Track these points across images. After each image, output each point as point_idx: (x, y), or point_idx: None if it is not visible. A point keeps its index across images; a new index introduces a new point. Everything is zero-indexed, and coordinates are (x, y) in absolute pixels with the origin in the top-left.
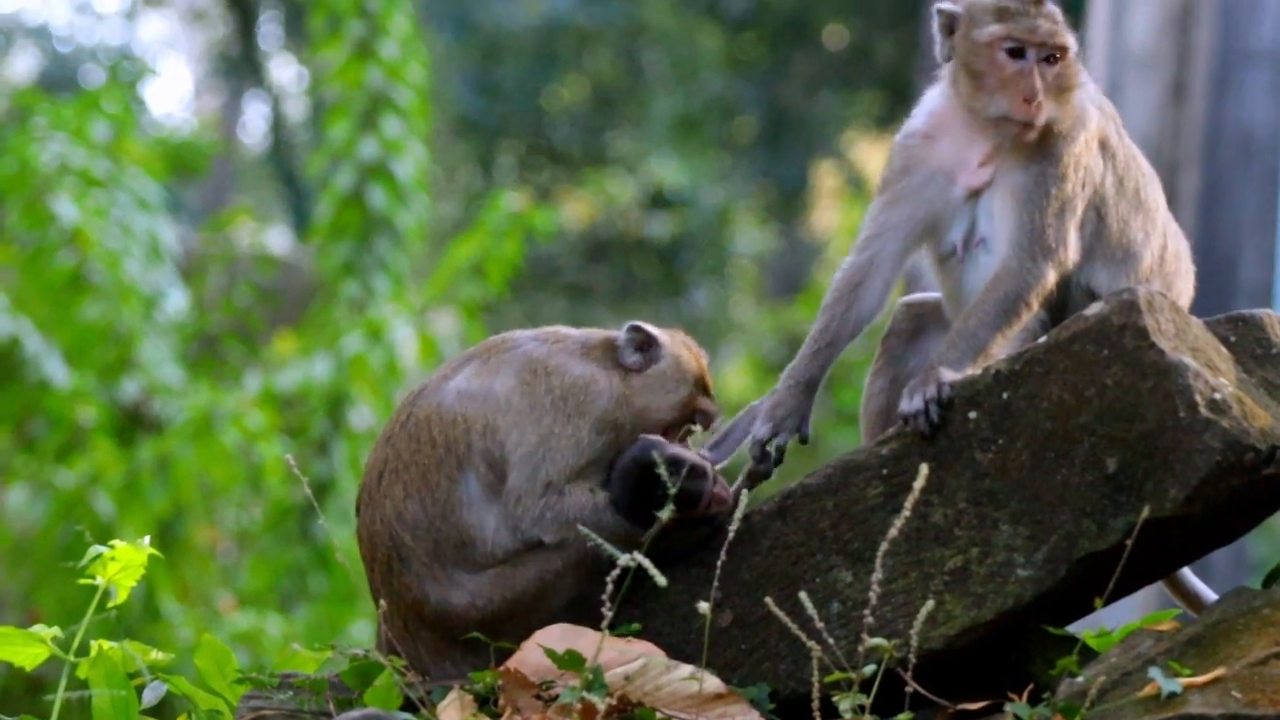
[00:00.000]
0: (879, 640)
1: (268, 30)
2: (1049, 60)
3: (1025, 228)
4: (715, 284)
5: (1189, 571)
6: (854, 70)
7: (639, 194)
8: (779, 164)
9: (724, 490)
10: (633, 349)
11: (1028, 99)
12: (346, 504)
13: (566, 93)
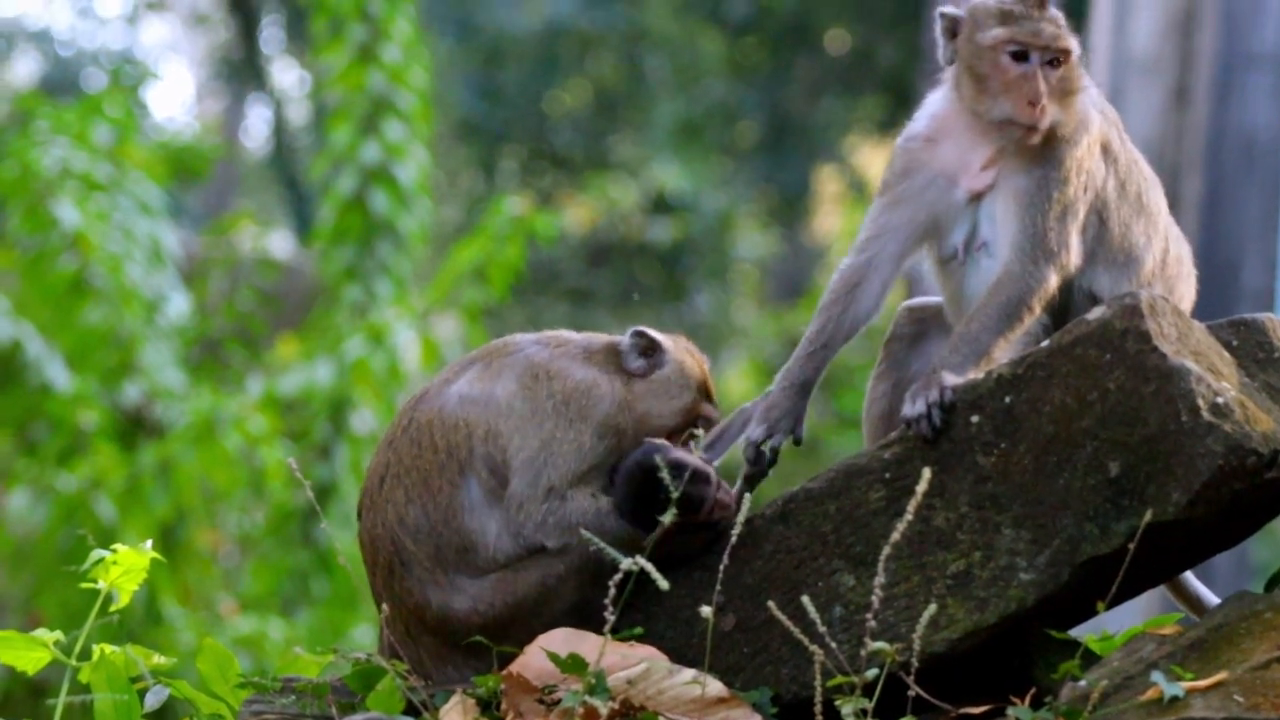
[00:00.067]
0: (881, 644)
1: (270, 34)
2: (1052, 64)
3: (1027, 231)
4: (717, 288)
5: (1191, 575)
6: (856, 75)
7: (641, 199)
8: (781, 169)
9: (727, 496)
10: (636, 354)
11: (1032, 102)
12: (348, 508)
13: (568, 97)
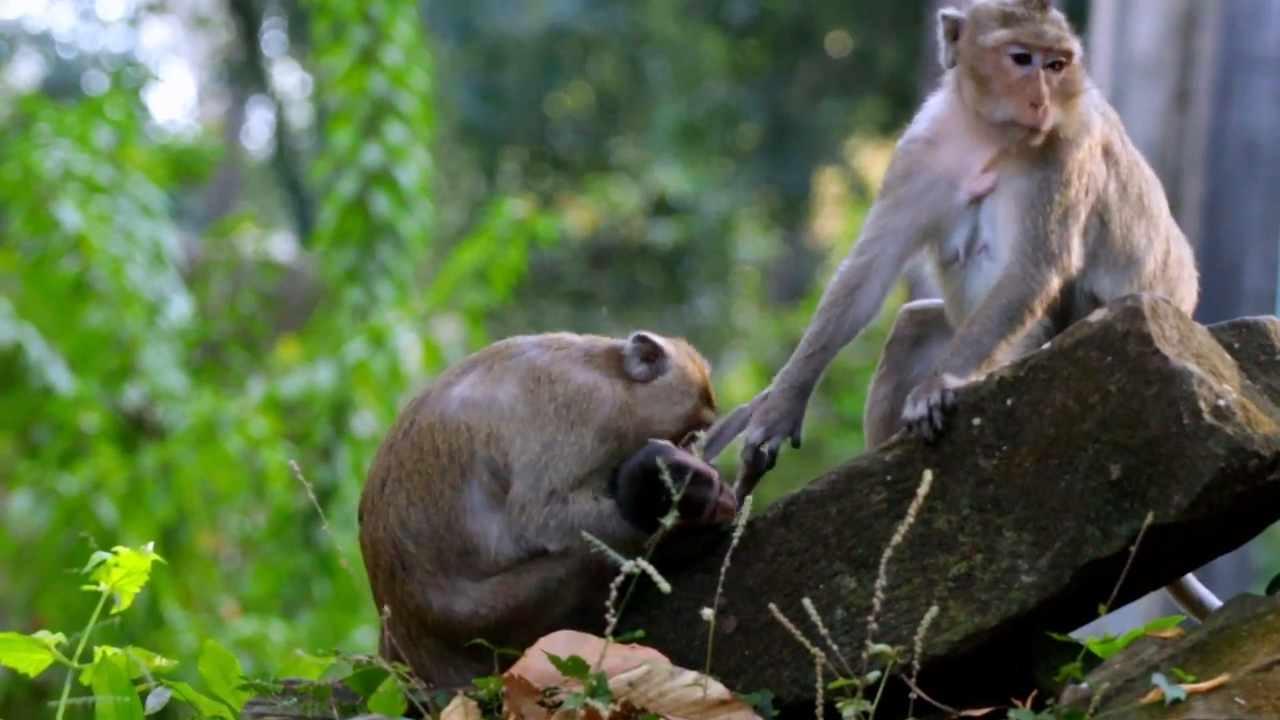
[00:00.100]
0: (883, 646)
1: (271, 36)
2: (1054, 66)
3: (1028, 234)
4: (718, 291)
5: (1193, 578)
6: (857, 77)
7: (642, 201)
8: (782, 171)
9: (729, 499)
10: (638, 359)
11: (1034, 104)
12: (350, 510)
13: (570, 99)
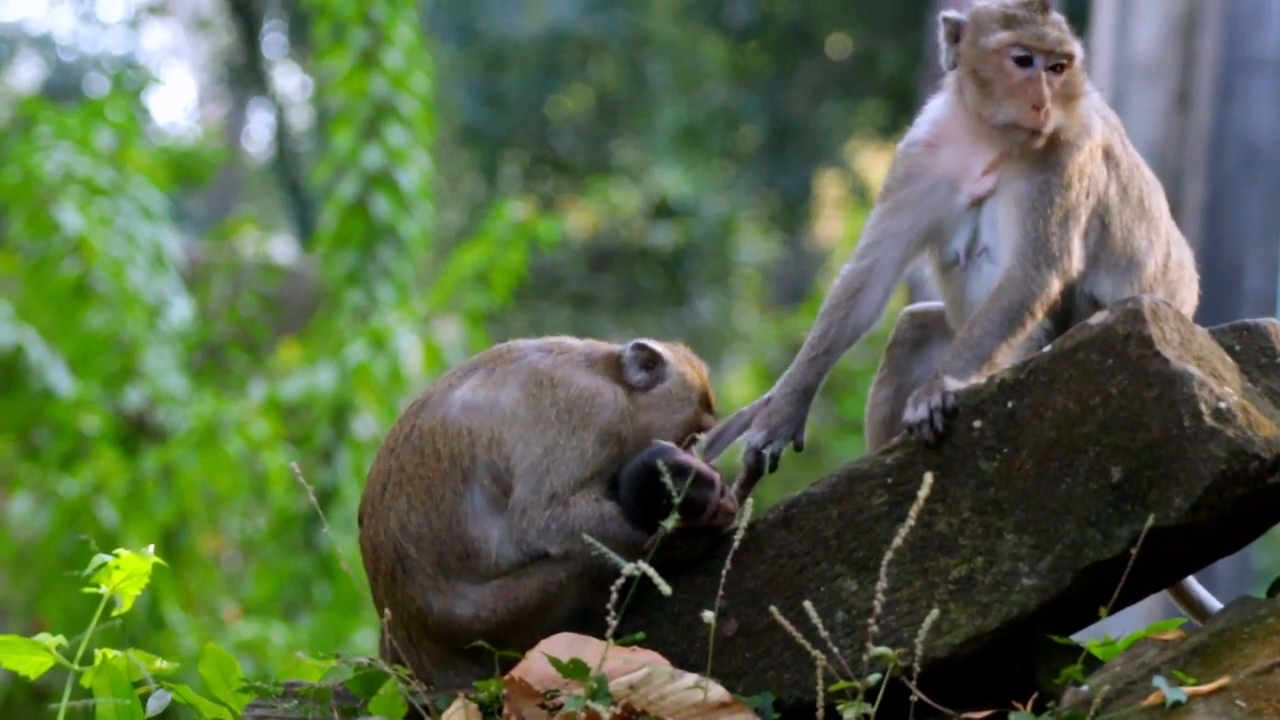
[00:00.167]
0: (884, 649)
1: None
2: (1056, 68)
3: (1029, 236)
4: (719, 293)
5: (1194, 580)
6: (857, 79)
7: (643, 203)
8: (783, 173)
9: (730, 502)
10: (638, 367)
11: (1036, 106)
12: (351, 513)
13: (570, 102)
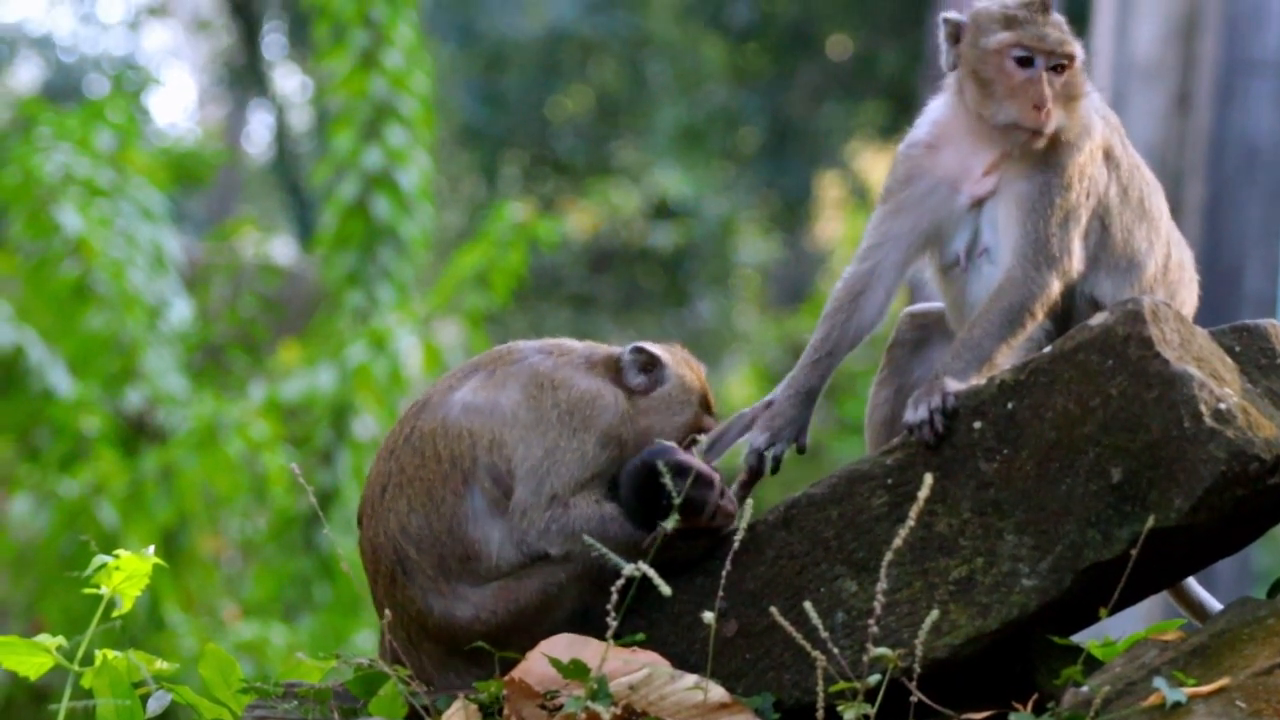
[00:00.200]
0: (884, 650)
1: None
2: (1056, 69)
3: (1029, 237)
4: (719, 294)
5: (1194, 581)
6: (858, 80)
7: (643, 204)
8: (783, 174)
9: (730, 504)
10: (636, 370)
11: (1037, 106)
12: (351, 513)
13: (571, 103)
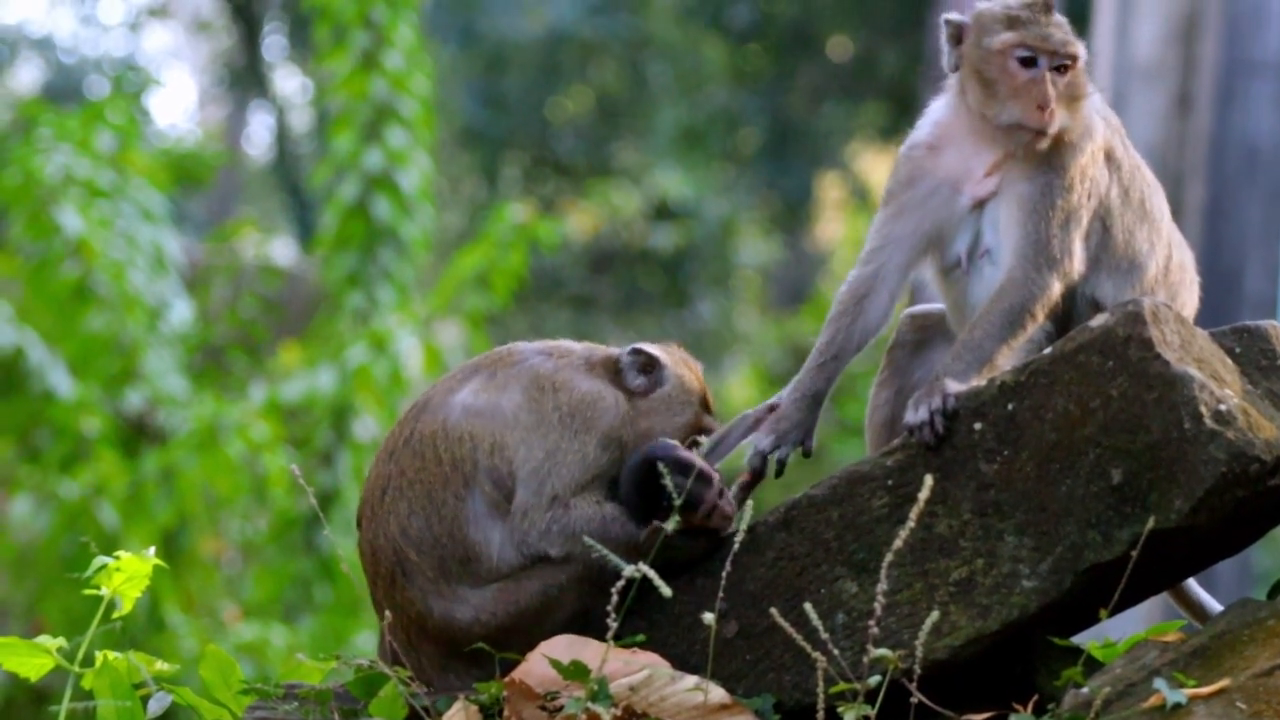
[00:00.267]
0: (884, 651)
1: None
2: (1060, 69)
3: (1030, 239)
4: (720, 295)
5: (1194, 582)
6: (858, 82)
7: (643, 205)
8: (783, 175)
9: (729, 506)
10: (636, 372)
11: (1040, 106)
12: (351, 514)
13: (571, 104)
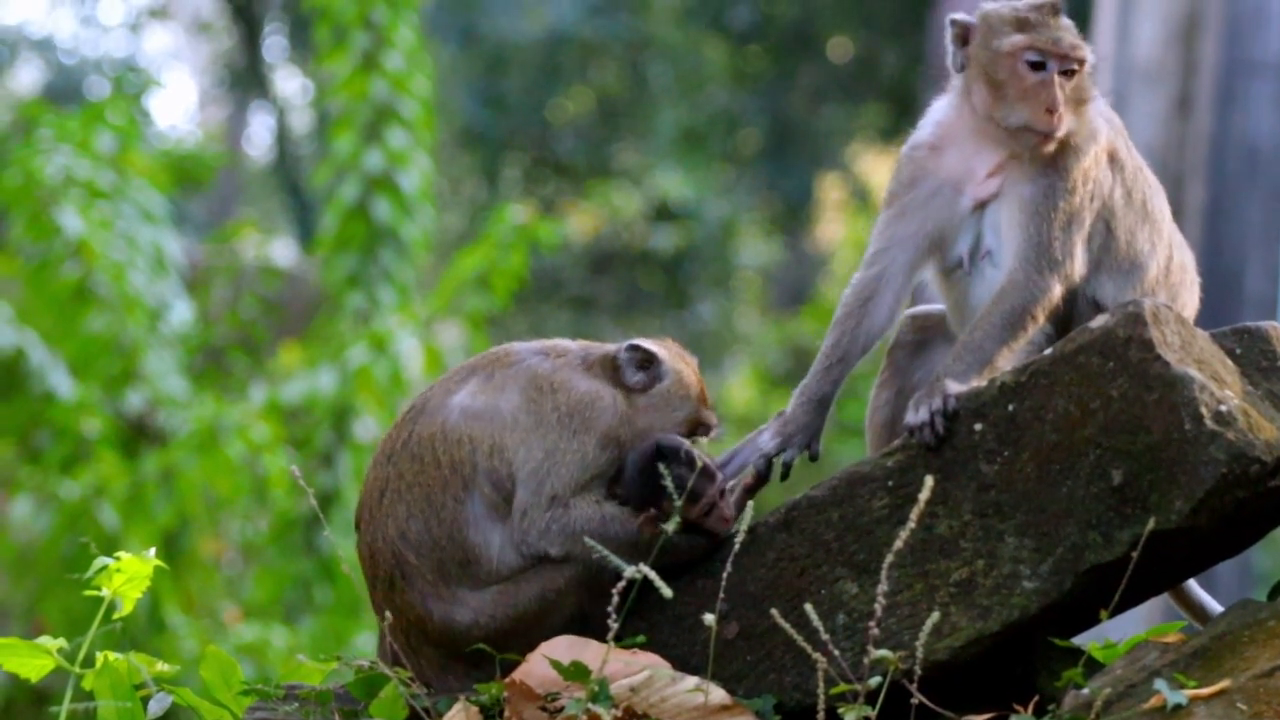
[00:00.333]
0: (884, 652)
1: (273, 42)
2: (1067, 73)
3: (1032, 240)
4: (720, 296)
5: (1194, 583)
6: (858, 82)
7: (644, 206)
8: (783, 176)
9: (728, 509)
10: (634, 368)
11: (1049, 109)
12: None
13: (571, 105)
